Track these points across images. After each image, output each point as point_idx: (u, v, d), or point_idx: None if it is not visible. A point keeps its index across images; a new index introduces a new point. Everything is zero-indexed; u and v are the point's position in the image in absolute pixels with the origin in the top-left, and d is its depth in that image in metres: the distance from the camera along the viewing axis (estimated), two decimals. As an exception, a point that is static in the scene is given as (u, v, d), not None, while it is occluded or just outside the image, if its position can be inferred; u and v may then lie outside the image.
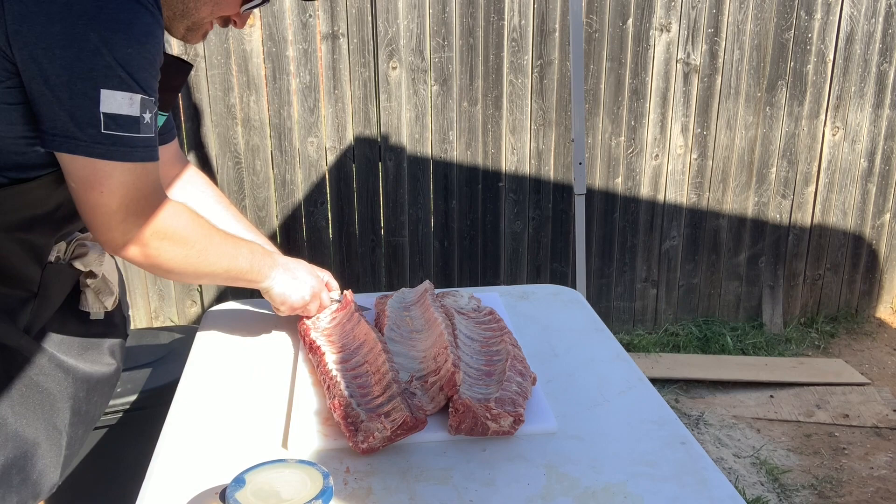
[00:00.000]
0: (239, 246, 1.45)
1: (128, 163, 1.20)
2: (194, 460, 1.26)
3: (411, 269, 3.61)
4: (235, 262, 1.43)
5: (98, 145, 1.17)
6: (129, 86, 1.18)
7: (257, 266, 1.48)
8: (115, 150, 1.19)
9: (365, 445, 1.24)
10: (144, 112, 1.20)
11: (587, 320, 1.79)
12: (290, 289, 1.55)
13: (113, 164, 1.19)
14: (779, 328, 3.92)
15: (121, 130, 1.18)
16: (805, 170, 3.83)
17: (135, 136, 1.20)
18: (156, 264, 1.31)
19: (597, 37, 3.46)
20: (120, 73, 1.16)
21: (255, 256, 1.48)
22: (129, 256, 1.29)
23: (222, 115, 3.29)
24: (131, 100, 1.18)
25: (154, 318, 3.48)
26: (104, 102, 1.16)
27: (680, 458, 1.26)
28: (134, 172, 1.21)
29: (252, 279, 1.48)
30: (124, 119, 1.18)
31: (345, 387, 1.35)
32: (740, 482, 2.80)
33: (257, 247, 1.50)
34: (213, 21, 1.41)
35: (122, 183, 1.20)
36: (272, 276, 1.51)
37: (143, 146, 1.22)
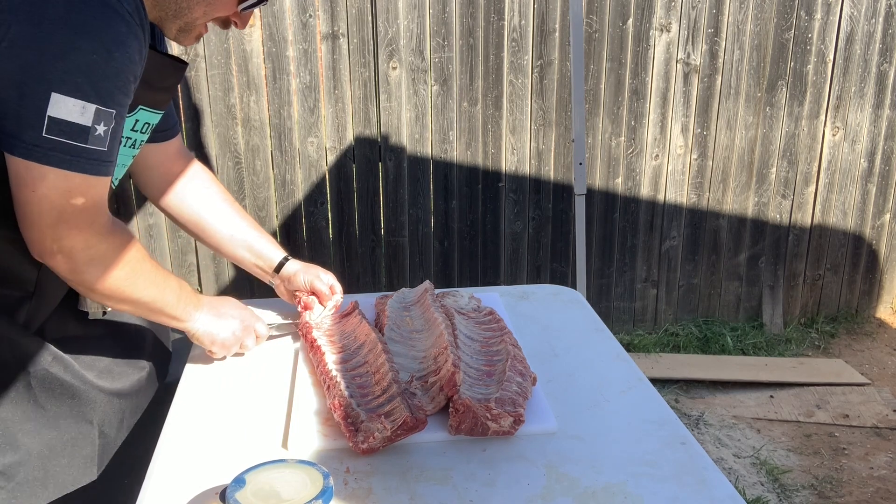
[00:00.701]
0: (169, 279, 1.41)
1: (65, 170, 1.16)
2: (194, 460, 1.26)
3: (411, 269, 3.61)
4: (162, 294, 1.38)
5: (36, 148, 1.14)
6: (85, 94, 1.14)
7: (183, 303, 1.43)
8: (53, 156, 1.15)
9: (365, 446, 1.24)
10: (98, 123, 1.16)
11: (587, 320, 1.79)
12: (215, 327, 1.50)
13: (48, 169, 1.15)
14: (779, 328, 3.92)
15: (64, 137, 1.14)
16: (805, 170, 3.83)
17: (79, 146, 1.16)
18: (81, 280, 1.27)
19: (597, 37, 3.46)
20: (77, 79, 1.13)
21: (182, 293, 1.43)
22: (55, 266, 1.24)
23: (222, 116, 3.29)
24: (84, 108, 1.14)
25: (154, 318, 3.48)
26: (53, 106, 1.12)
27: (680, 458, 1.26)
28: (71, 181, 1.17)
29: (176, 315, 1.43)
30: (71, 126, 1.14)
31: (345, 387, 1.35)
32: (740, 482, 2.80)
33: (187, 286, 1.46)
34: (207, 23, 1.38)
35: (56, 188, 1.16)
36: (196, 318, 1.47)
37: (86, 157, 1.17)
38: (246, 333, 1.55)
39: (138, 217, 3.32)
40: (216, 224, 1.69)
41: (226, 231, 1.69)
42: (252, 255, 1.72)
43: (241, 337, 1.55)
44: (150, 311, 1.40)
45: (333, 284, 1.73)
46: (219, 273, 3.45)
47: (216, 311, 1.51)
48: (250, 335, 1.56)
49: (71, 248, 1.22)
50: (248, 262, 1.74)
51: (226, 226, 1.69)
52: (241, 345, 1.56)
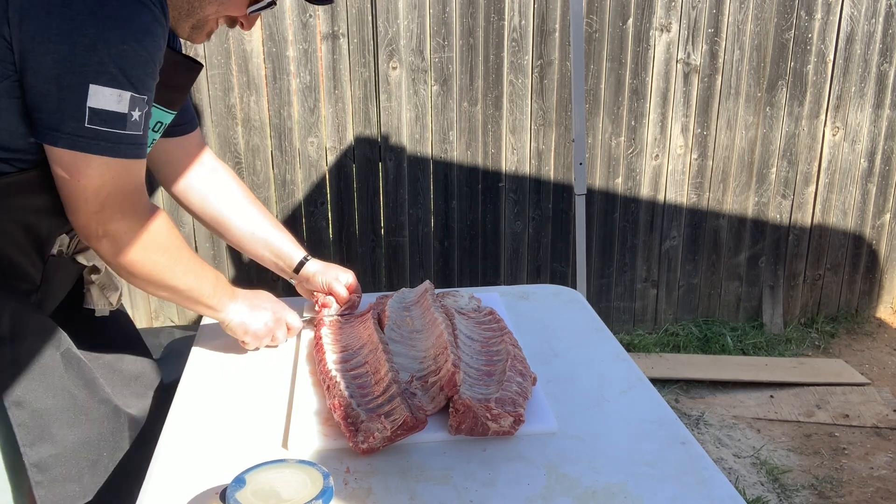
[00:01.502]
0: (206, 269, 1.46)
1: (108, 157, 1.22)
2: (194, 460, 1.26)
3: (411, 269, 3.61)
4: (200, 283, 1.43)
5: (80, 139, 1.19)
6: (120, 83, 1.19)
7: (219, 294, 1.47)
8: (96, 145, 1.20)
9: (365, 446, 1.24)
10: (133, 110, 1.22)
11: (587, 320, 1.79)
12: (249, 318, 1.54)
13: (92, 157, 1.21)
14: (779, 328, 3.92)
15: (105, 126, 1.20)
16: (805, 170, 3.83)
17: (119, 133, 1.21)
18: (125, 264, 1.32)
19: (597, 37, 3.46)
20: (111, 70, 1.18)
21: (219, 284, 1.48)
22: (101, 249, 1.30)
23: (222, 116, 3.29)
24: (120, 97, 1.19)
25: (154, 318, 3.48)
26: (92, 97, 1.17)
27: (680, 458, 1.26)
28: (114, 167, 1.23)
29: (212, 305, 1.47)
30: (110, 115, 1.19)
31: (345, 387, 1.35)
32: (740, 482, 2.80)
33: (223, 277, 1.50)
34: (218, 20, 1.41)
35: (101, 175, 1.22)
36: (231, 308, 1.51)
37: (127, 143, 1.23)
38: (278, 325, 1.59)
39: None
40: (237, 222, 1.71)
41: (247, 229, 1.71)
42: (272, 254, 1.74)
43: (273, 328, 1.58)
44: (187, 300, 1.44)
45: (351, 283, 1.74)
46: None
47: (250, 302, 1.55)
48: (282, 327, 1.60)
49: (116, 232, 1.28)
50: (269, 261, 1.76)
51: (247, 224, 1.71)
52: (272, 336, 1.59)
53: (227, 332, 1.56)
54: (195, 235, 3.41)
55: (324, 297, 1.71)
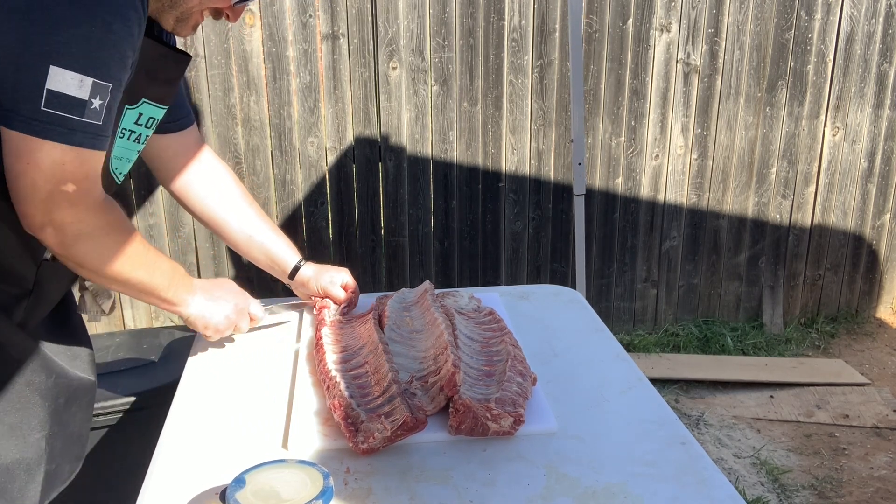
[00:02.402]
0: (160, 262, 1.40)
1: (62, 144, 1.16)
2: (194, 460, 1.26)
3: (411, 269, 3.61)
4: (152, 275, 1.38)
5: (34, 122, 1.14)
6: (82, 67, 1.13)
7: (175, 287, 1.43)
8: (51, 129, 1.15)
9: (365, 446, 1.24)
10: (94, 97, 1.16)
11: (587, 320, 1.79)
12: (208, 310, 1.51)
13: (45, 142, 1.15)
14: (779, 328, 3.92)
15: (62, 111, 1.14)
16: (805, 170, 3.83)
17: (76, 119, 1.15)
18: (70, 255, 1.27)
19: (597, 37, 3.46)
20: (74, 52, 1.13)
21: (175, 276, 1.43)
22: (45, 238, 1.24)
23: (222, 116, 3.29)
24: (81, 82, 1.14)
25: (154, 318, 3.48)
26: (51, 79, 1.12)
27: (680, 458, 1.26)
28: (67, 154, 1.17)
29: (167, 299, 1.43)
30: (69, 100, 1.14)
31: (345, 387, 1.35)
32: (740, 482, 2.80)
33: (180, 269, 1.45)
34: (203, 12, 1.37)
35: (53, 161, 1.16)
36: (188, 301, 1.47)
37: (83, 131, 1.17)
38: (240, 316, 1.56)
39: (138, 217, 3.32)
40: (235, 224, 1.70)
41: (244, 232, 1.70)
42: (268, 258, 1.73)
43: (235, 320, 1.55)
44: (141, 293, 1.39)
45: (348, 283, 1.73)
46: (219, 273, 3.45)
47: (209, 294, 1.51)
48: (244, 317, 1.57)
49: (61, 222, 1.21)
50: (265, 264, 1.75)
51: (244, 226, 1.70)
52: (235, 327, 1.57)
53: (186, 324, 1.53)
54: (195, 235, 3.41)
55: (321, 302, 1.71)
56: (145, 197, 3.31)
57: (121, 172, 1.43)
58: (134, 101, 1.35)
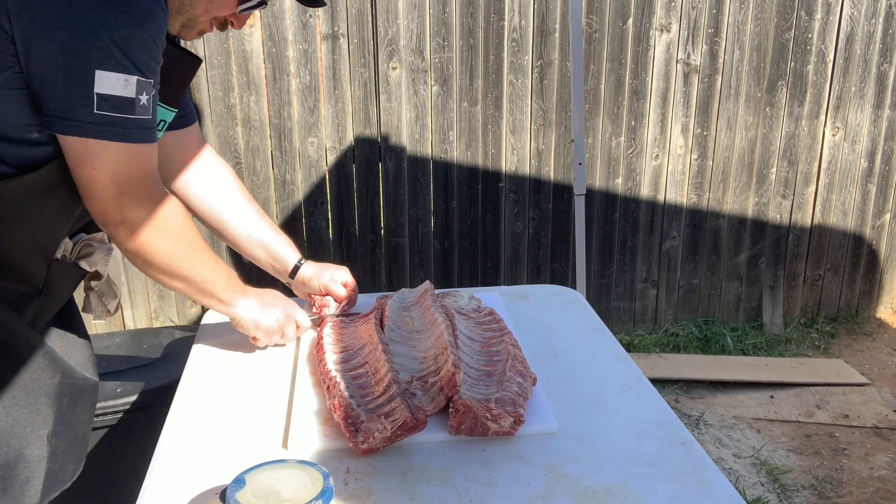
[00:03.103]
0: (219, 263, 1.46)
1: (120, 143, 1.21)
2: (194, 460, 1.26)
3: (411, 269, 3.61)
4: (213, 275, 1.43)
5: (90, 125, 1.19)
6: (126, 67, 1.18)
7: (231, 288, 1.48)
8: (107, 131, 1.20)
9: (365, 446, 1.24)
10: (140, 94, 1.21)
11: (587, 320, 1.79)
12: (260, 314, 1.54)
13: (104, 143, 1.20)
14: (779, 328, 3.92)
15: (114, 111, 1.19)
16: (805, 170, 3.83)
17: (129, 118, 1.21)
18: (142, 251, 1.31)
19: (597, 37, 3.46)
20: (116, 55, 1.17)
21: (231, 278, 1.48)
22: (118, 236, 1.30)
23: (222, 116, 3.29)
24: (126, 81, 1.19)
25: (154, 318, 3.48)
26: (98, 83, 1.17)
27: (680, 458, 1.26)
28: (127, 152, 1.23)
29: (223, 299, 1.48)
30: (118, 100, 1.19)
31: (345, 387, 1.35)
32: (740, 482, 2.80)
33: (234, 273, 1.51)
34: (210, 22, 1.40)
35: (115, 161, 1.22)
36: (242, 304, 1.51)
37: (137, 127, 1.23)
38: (288, 322, 1.59)
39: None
40: (235, 222, 1.71)
41: (244, 230, 1.72)
42: (268, 256, 1.75)
43: (284, 325, 1.58)
44: (199, 291, 1.44)
45: (348, 281, 1.74)
46: (219, 273, 3.45)
47: (261, 299, 1.55)
48: (291, 324, 1.60)
49: (134, 218, 1.27)
50: (265, 263, 1.77)
51: (245, 225, 1.72)
52: (282, 333, 1.59)
53: (237, 328, 1.56)
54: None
55: (321, 299, 1.72)
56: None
57: None
58: None
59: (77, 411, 1.48)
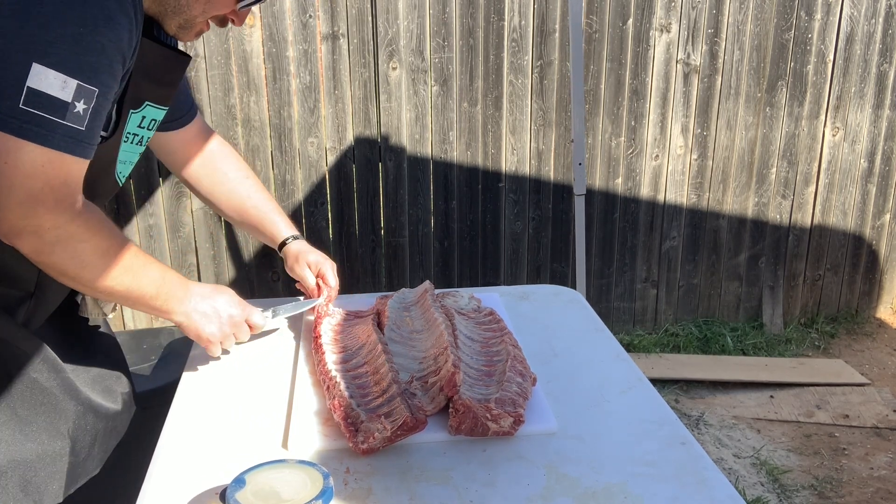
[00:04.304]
0: (148, 269, 1.34)
1: (39, 146, 1.12)
2: (194, 460, 1.26)
3: (411, 269, 3.61)
4: (138, 283, 1.31)
5: (12, 119, 1.09)
6: (68, 68, 1.10)
7: (164, 295, 1.37)
8: (29, 130, 1.10)
9: (365, 446, 1.24)
10: (78, 100, 1.12)
11: (587, 320, 1.79)
12: (201, 321, 1.45)
13: (22, 142, 1.11)
14: (779, 328, 3.92)
15: (42, 111, 1.10)
16: (805, 170, 3.83)
17: (56, 122, 1.11)
18: (48, 262, 1.22)
19: (597, 37, 3.46)
20: (61, 52, 1.09)
21: (165, 284, 1.37)
22: (21, 246, 1.19)
23: (222, 116, 3.29)
24: (65, 83, 1.10)
25: (154, 319, 3.48)
26: (33, 77, 1.08)
27: (680, 458, 1.26)
28: (45, 157, 1.12)
29: (157, 307, 1.37)
30: (50, 100, 1.10)
31: (345, 387, 1.35)
32: (740, 482, 2.80)
33: (172, 276, 1.39)
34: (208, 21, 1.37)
35: (31, 163, 1.12)
36: (179, 311, 1.41)
37: (63, 134, 1.13)
38: (236, 328, 1.50)
39: (138, 217, 3.32)
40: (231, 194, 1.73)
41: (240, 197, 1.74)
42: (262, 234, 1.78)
43: (229, 332, 1.50)
44: (129, 301, 1.34)
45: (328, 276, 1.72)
46: (219, 273, 3.45)
47: (204, 303, 1.46)
48: (241, 329, 1.52)
49: (38, 227, 1.16)
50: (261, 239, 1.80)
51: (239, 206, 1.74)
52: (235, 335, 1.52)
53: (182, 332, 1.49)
54: (195, 235, 3.41)
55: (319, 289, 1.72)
56: (145, 197, 3.31)
57: (123, 175, 1.43)
58: (137, 104, 1.34)
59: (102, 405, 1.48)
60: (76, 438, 1.42)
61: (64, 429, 1.40)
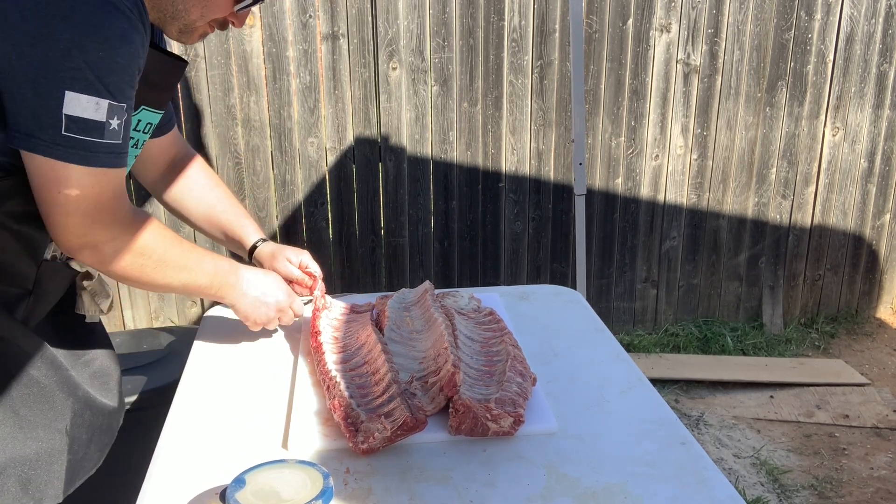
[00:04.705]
0: (202, 262, 1.44)
1: (86, 167, 1.19)
2: (194, 460, 1.26)
3: (411, 269, 3.61)
4: (193, 278, 1.42)
5: (57, 146, 1.16)
6: (97, 90, 1.16)
7: (218, 283, 1.47)
8: (74, 153, 1.18)
9: (365, 446, 1.24)
10: (112, 118, 1.19)
11: (587, 320, 1.79)
12: (250, 308, 1.56)
13: (71, 167, 1.18)
14: (779, 328, 3.92)
15: (82, 134, 1.17)
16: (805, 170, 3.83)
17: (97, 142, 1.19)
18: (111, 271, 1.31)
19: (597, 37, 3.46)
20: (88, 76, 1.15)
21: (217, 274, 1.47)
22: (84, 260, 1.29)
23: (222, 116, 3.29)
24: (97, 104, 1.17)
25: (154, 319, 3.48)
26: (68, 105, 1.15)
27: (680, 458, 1.26)
28: (93, 176, 1.21)
29: (212, 295, 1.48)
30: (87, 123, 1.17)
31: (345, 387, 1.35)
32: (740, 482, 2.80)
33: (222, 264, 1.49)
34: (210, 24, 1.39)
35: (80, 185, 1.20)
36: (232, 297, 1.52)
37: (105, 152, 1.21)
38: (281, 312, 1.60)
39: (138, 217, 3.31)
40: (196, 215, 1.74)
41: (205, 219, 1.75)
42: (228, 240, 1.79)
43: (274, 317, 1.59)
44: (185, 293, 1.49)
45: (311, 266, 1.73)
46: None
47: (255, 289, 1.55)
48: (286, 313, 1.61)
49: (97, 242, 1.26)
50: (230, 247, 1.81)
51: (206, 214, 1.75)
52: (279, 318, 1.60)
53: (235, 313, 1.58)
54: (195, 235, 3.41)
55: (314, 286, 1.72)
56: (145, 197, 3.31)
57: None
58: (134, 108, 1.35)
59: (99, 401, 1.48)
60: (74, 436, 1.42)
61: (62, 426, 1.40)
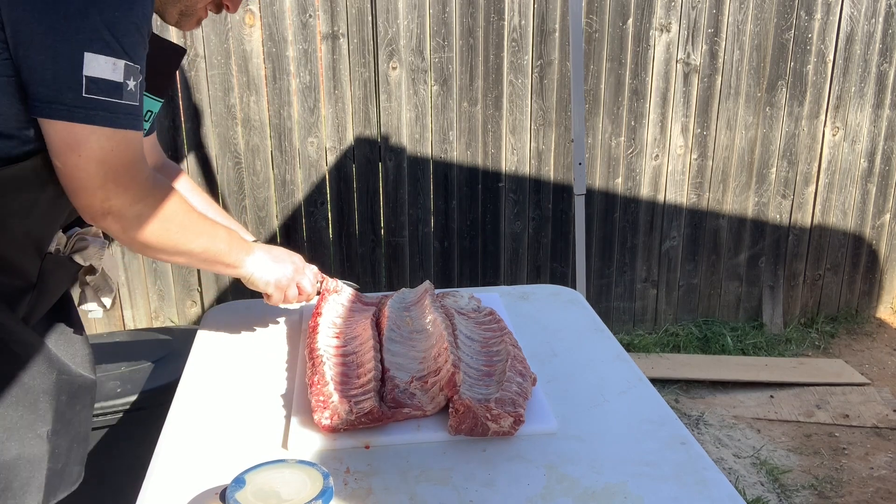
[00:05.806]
0: (217, 228, 1.45)
1: (108, 128, 1.18)
2: (194, 460, 1.26)
3: (411, 269, 3.61)
4: (214, 243, 1.42)
5: (78, 109, 1.15)
6: (114, 50, 1.16)
7: (235, 250, 1.47)
8: (96, 115, 1.16)
9: (328, 423, 1.27)
10: (128, 79, 1.18)
11: (587, 320, 1.79)
12: (269, 268, 1.55)
13: (92, 129, 1.17)
14: (779, 328, 3.92)
15: (102, 95, 1.16)
16: (805, 170, 3.83)
17: (117, 102, 1.18)
18: (134, 238, 1.29)
19: (597, 37, 3.46)
20: (105, 37, 1.14)
21: (233, 240, 1.47)
22: (108, 227, 1.27)
23: (222, 116, 3.29)
24: (115, 65, 1.16)
25: (154, 318, 3.48)
26: (87, 66, 1.14)
27: (680, 458, 1.26)
28: (114, 138, 1.19)
29: (230, 262, 1.47)
30: (107, 84, 1.16)
31: (328, 368, 1.38)
32: (740, 482, 2.80)
33: (235, 233, 1.50)
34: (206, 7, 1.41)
35: (101, 147, 1.18)
36: (249, 262, 1.51)
37: (125, 113, 1.20)
38: (299, 275, 1.60)
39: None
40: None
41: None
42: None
43: (294, 278, 1.59)
44: (204, 261, 1.43)
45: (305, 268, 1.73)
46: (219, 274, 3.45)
47: (270, 254, 1.56)
48: (303, 276, 1.61)
49: (120, 207, 1.24)
50: None
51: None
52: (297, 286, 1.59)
53: (249, 286, 1.56)
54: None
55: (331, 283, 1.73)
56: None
57: None
58: None
59: (76, 409, 1.47)
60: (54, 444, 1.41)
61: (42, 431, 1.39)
